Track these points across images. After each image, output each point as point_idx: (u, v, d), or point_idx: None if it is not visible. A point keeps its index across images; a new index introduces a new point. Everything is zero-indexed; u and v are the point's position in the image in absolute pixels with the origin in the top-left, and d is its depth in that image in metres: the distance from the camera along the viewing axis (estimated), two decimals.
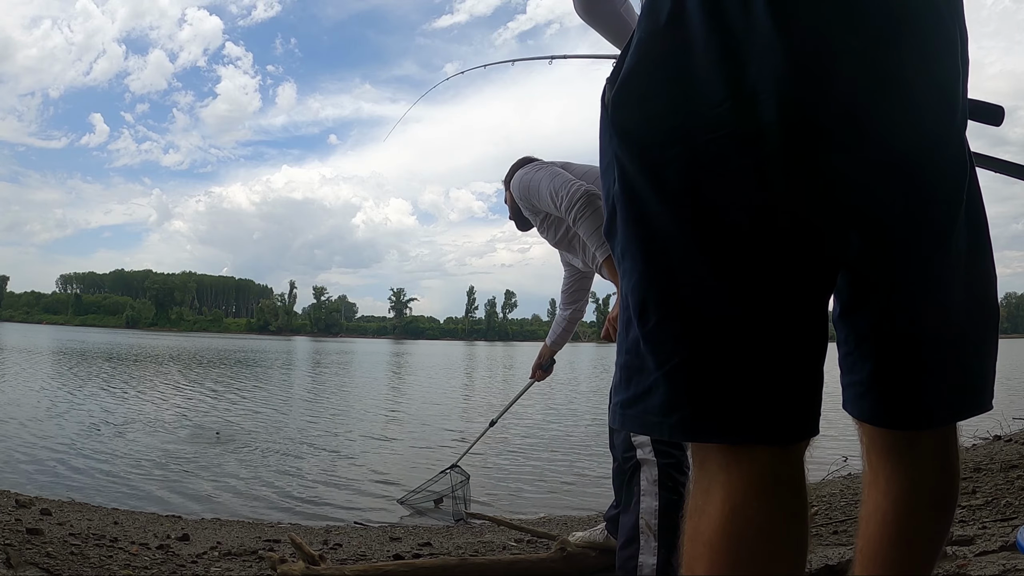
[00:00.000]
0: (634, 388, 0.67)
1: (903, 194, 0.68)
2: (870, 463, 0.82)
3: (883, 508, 0.79)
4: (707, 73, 0.63)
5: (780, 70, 0.61)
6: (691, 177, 0.64)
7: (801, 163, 0.62)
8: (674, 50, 0.65)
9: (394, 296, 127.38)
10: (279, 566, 2.13)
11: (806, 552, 0.64)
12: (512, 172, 2.34)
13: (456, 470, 3.92)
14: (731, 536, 0.60)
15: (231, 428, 7.18)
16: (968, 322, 0.76)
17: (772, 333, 0.62)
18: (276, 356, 28.82)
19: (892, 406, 0.77)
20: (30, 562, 1.89)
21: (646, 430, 0.68)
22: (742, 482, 0.61)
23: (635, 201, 0.67)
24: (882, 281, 0.73)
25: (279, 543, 2.76)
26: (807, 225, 0.63)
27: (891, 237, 0.71)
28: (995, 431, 5.24)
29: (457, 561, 2.24)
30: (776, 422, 0.62)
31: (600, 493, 4.20)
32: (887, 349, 0.76)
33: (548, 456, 5.88)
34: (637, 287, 0.67)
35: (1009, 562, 1.67)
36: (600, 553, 2.26)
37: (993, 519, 2.30)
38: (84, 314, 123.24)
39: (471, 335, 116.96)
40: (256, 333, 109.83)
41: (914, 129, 0.67)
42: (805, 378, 0.64)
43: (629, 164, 0.68)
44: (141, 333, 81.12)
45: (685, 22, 0.64)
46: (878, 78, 0.64)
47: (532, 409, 8.76)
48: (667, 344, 0.64)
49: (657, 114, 0.66)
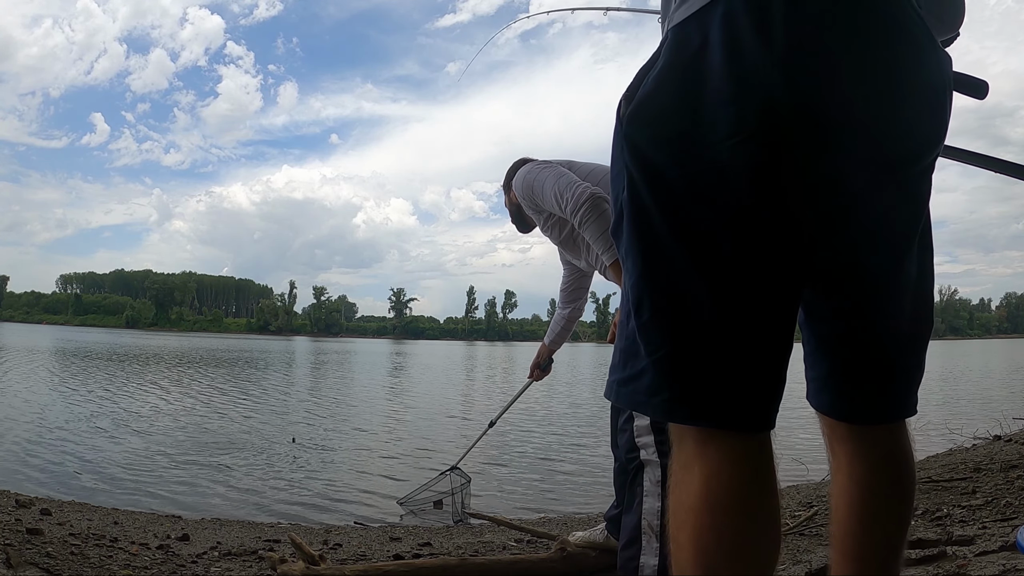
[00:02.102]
0: (629, 370, 0.77)
1: (876, 228, 0.78)
2: (833, 451, 0.92)
3: (848, 490, 0.87)
4: (716, 111, 0.71)
5: (786, 118, 0.69)
6: (687, 199, 0.73)
7: (790, 203, 0.71)
8: (691, 84, 0.73)
9: (394, 296, 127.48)
10: (279, 566, 2.13)
11: (779, 522, 0.72)
12: (511, 174, 2.34)
13: (457, 472, 3.91)
14: (710, 501, 0.69)
15: (231, 428, 7.18)
16: (912, 334, 0.86)
17: (744, 337, 0.72)
18: (276, 356, 28.83)
19: (846, 402, 0.87)
20: (30, 562, 1.89)
21: (635, 407, 0.78)
22: (716, 456, 0.71)
23: (639, 209, 0.76)
24: (845, 293, 0.83)
25: (279, 543, 2.76)
26: (783, 249, 0.72)
27: (859, 261, 0.80)
28: (995, 431, 5.24)
29: (457, 561, 2.24)
30: (739, 413, 0.71)
31: (600, 493, 4.20)
32: (843, 352, 0.86)
33: (548, 456, 5.89)
34: (636, 285, 0.77)
35: (1009, 562, 1.67)
36: (600, 553, 2.26)
37: (993, 519, 2.30)
38: (84, 314, 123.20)
39: (471, 335, 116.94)
40: (256, 333, 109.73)
41: (903, 172, 0.78)
42: (768, 378, 0.73)
43: (637, 176, 0.76)
44: (141, 333, 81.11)
45: (707, 60, 0.72)
46: (880, 126, 0.73)
47: (532, 409, 8.77)
48: (656, 337, 0.74)
49: (666, 138, 0.74)
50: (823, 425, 0.92)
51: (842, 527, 0.88)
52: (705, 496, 0.69)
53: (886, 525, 0.86)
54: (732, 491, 0.69)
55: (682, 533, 0.71)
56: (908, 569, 1.82)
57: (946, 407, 9.15)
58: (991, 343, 79.16)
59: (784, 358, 0.74)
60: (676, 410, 0.73)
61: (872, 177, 0.75)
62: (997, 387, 11.71)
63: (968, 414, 8.01)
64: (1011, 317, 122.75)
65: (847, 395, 0.87)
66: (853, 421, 0.88)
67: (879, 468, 0.87)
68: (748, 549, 0.69)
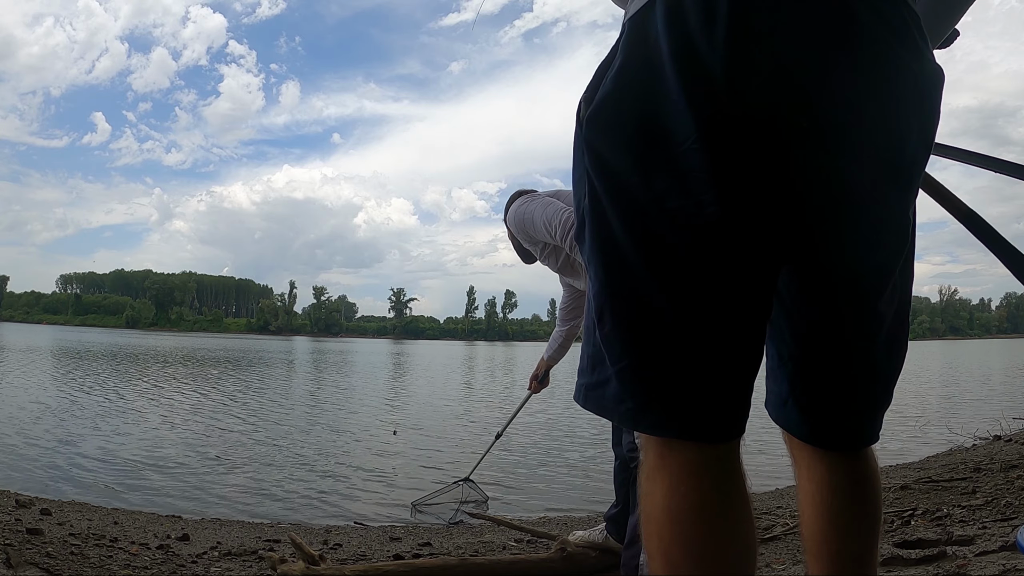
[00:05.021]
0: (597, 376, 0.76)
1: (853, 242, 0.75)
2: (793, 456, 0.91)
3: (811, 492, 0.87)
4: (673, 114, 0.67)
5: (737, 119, 0.65)
6: (646, 207, 0.70)
7: (752, 204, 0.68)
8: (647, 84, 0.69)
9: (394, 296, 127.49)
10: (279, 566, 2.13)
11: (751, 528, 0.70)
12: (507, 209, 2.38)
13: (471, 484, 3.91)
14: (671, 512, 0.68)
15: (230, 428, 7.18)
16: (883, 362, 0.83)
17: (705, 349, 0.69)
18: (276, 356, 28.81)
19: (806, 426, 0.86)
20: (30, 562, 1.89)
21: (601, 413, 0.77)
22: (676, 467, 0.70)
23: (600, 217, 0.73)
24: (815, 312, 0.80)
25: (279, 543, 2.76)
26: (749, 260, 0.69)
27: (831, 275, 0.77)
28: (995, 431, 5.24)
29: (457, 561, 2.24)
30: (700, 425, 0.70)
31: (600, 493, 4.20)
32: (805, 376, 0.84)
33: (548, 456, 5.88)
34: (597, 295, 0.75)
35: (1009, 562, 1.66)
36: (600, 553, 2.26)
37: (993, 519, 2.30)
38: (84, 314, 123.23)
39: (471, 335, 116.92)
40: (256, 333, 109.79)
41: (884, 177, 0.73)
42: (733, 389, 0.71)
43: (597, 182, 0.73)
44: (141, 333, 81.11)
45: (660, 57, 0.68)
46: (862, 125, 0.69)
47: (532, 409, 8.76)
48: (617, 347, 0.73)
49: (625, 142, 0.71)
50: (783, 431, 0.91)
51: (810, 528, 0.87)
52: (667, 507, 0.68)
53: (853, 526, 0.85)
54: (693, 502, 0.68)
55: (650, 543, 0.70)
56: (908, 569, 1.83)
57: (946, 407, 9.15)
58: (991, 343, 79.08)
59: (752, 369, 0.72)
60: (639, 420, 0.72)
61: (846, 187, 0.71)
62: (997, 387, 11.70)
63: (968, 414, 8.00)
64: (1011, 317, 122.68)
65: (807, 420, 0.85)
66: (812, 444, 0.86)
67: (837, 469, 0.85)
68: (716, 558, 0.68)
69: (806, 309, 0.80)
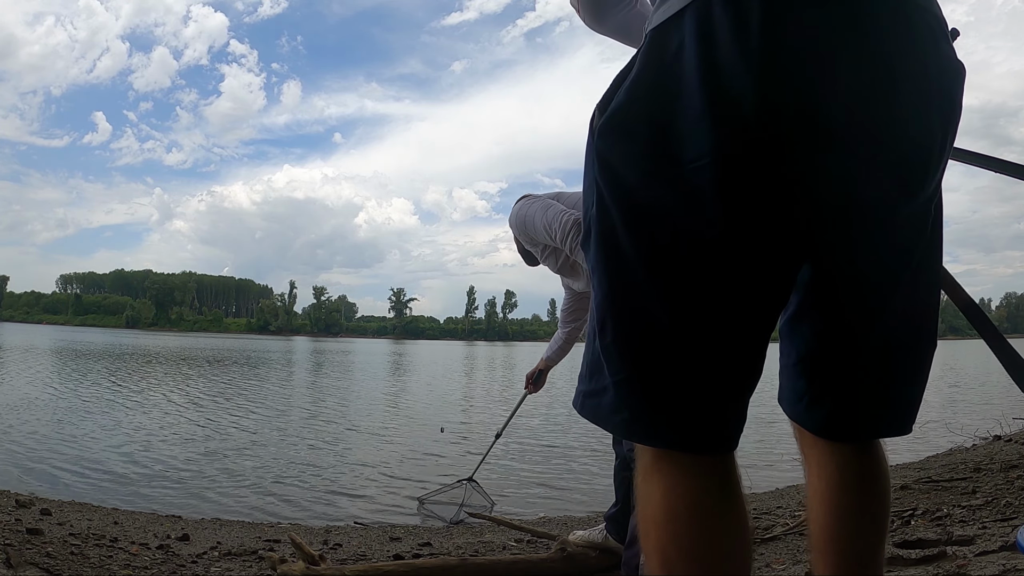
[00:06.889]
0: (595, 384, 0.77)
1: (869, 246, 0.74)
2: (803, 452, 0.91)
3: (820, 489, 0.87)
4: (689, 129, 0.66)
5: (762, 138, 0.65)
6: (655, 222, 0.70)
7: (761, 223, 0.67)
8: (664, 97, 0.68)
9: (394, 296, 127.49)
10: (279, 566, 2.13)
11: (743, 528, 0.71)
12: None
13: (475, 485, 3.93)
14: (666, 512, 0.69)
15: (230, 428, 7.18)
16: (904, 353, 0.82)
17: (705, 368, 0.70)
18: (276, 356, 28.81)
19: (821, 419, 0.85)
20: (30, 562, 1.89)
21: (597, 421, 0.77)
22: (672, 472, 0.71)
23: (607, 228, 0.73)
24: (835, 313, 0.80)
25: (279, 543, 2.76)
26: (755, 278, 0.69)
27: (849, 282, 0.77)
28: (995, 431, 5.24)
29: (457, 561, 2.24)
30: (693, 438, 0.71)
31: (600, 493, 4.20)
32: (822, 372, 0.84)
33: (548, 456, 5.88)
34: (601, 305, 0.75)
35: (1009, 562, 1.66)
36: (600, 553, 2.26)
37: (993, 519, 2.29)
38: (84, 314, 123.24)
39: (471, 335, 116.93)
40: (256, 333, 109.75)
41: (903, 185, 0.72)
42: (728, 407, 0.72)
43: (606, 193, 0.73)
44: (141, 333, 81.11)
45: (682, 70, 0.67)
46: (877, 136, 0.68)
47: (532, 409, 8.76)
48: (616, 360, 0.73)
49: (637, 155, 0.71)
50: (793, 427, 0.91)
51: (818, 526, 0.87)
52: (665, 508, 0.70)
53: (860, 525, 0.85)
54: (689, 502, 0.69)
55: (647, 543, 0.72)
56: (908, 569, 1.83)
57: (946, 407, 9.15)
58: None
59: (748, 387, 0.73)
60: (635, 430, 0.73)
61: (866, 192, 0.71)
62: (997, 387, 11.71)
63: (968, 414, 8.00)
64: (1011, 317, 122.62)
65: (822, 416, 0.85)
66: (825, 437, 0.86)
67: (847, 468, 0.86)
68: (712, 558, 0.69)
69: (824, 307, 0.80)
